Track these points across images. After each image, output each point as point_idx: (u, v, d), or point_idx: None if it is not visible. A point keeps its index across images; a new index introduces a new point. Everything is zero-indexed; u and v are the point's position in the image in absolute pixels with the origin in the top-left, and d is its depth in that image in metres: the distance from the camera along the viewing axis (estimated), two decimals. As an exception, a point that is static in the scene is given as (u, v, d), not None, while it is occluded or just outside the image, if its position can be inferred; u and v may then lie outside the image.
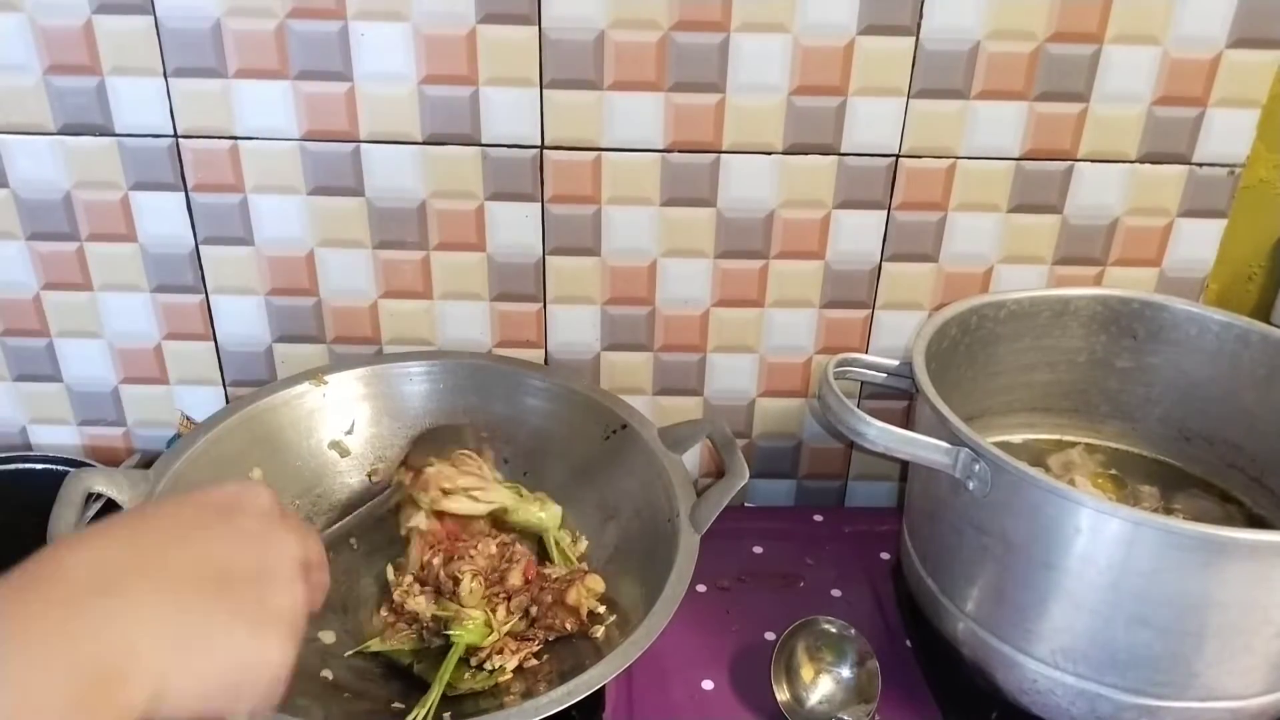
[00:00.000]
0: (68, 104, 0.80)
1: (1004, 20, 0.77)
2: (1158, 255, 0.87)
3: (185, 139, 0.81)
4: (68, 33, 0.77)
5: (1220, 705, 0.64)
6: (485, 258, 0.87)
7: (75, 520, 0.65)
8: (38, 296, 0.88)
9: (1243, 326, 0.79)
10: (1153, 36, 0.78)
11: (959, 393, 0.76)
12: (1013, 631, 0.67)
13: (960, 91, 0.80)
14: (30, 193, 0.83)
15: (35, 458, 0.83)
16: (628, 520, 0.80)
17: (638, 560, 0.75)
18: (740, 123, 0.80)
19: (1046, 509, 0.63)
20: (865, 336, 0.90)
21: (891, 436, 0.66)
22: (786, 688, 0.73)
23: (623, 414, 0.83)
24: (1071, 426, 0.87)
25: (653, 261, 0.86)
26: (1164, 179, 0.84)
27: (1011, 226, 0.85)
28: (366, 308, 0.89)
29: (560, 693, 0.60)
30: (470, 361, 0.88)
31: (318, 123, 0.81)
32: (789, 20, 0.77)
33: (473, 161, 0.82)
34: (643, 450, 0.80)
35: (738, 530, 0.91)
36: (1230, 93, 0.80)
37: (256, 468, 0.80)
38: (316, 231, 0.85)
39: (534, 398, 0.87)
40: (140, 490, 0.71)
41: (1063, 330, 0.83)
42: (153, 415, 0.94)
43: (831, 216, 0.84)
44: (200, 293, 0.88)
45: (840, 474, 0.97)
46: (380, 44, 0.78)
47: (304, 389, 0.84)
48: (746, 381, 0.92)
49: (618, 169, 0.82)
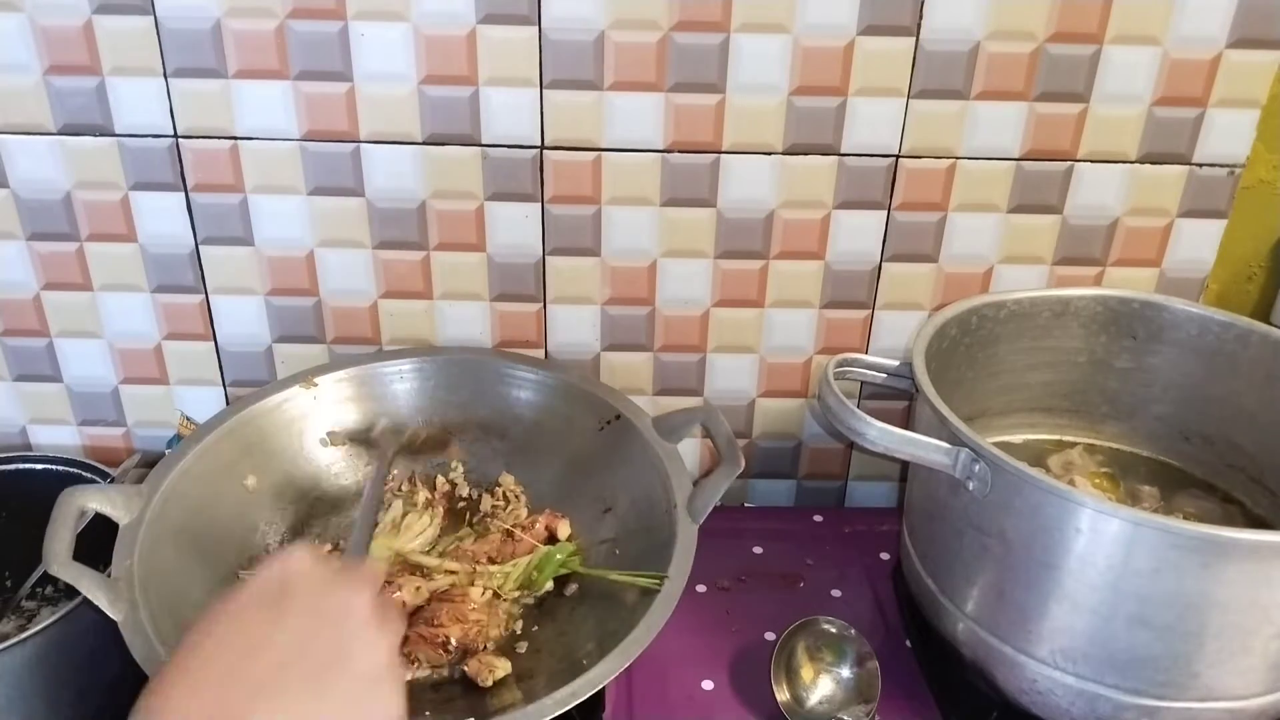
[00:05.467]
0: (68, 104, 0.80)
1: (1004, 20, 0.77)
2: (1158, 255, 0.87)
3: (185, 139, 0.81)
4: (68, 33, 0.77)
5: (1220, 705, 0.64)
6: (485, 258, 0.87)
7: (70, 538, 0.64)
8: (38, 296, 0.88)
9: (1243, 326, 0.78)
10: (1153, 36, 0.78)
11: (959, 393, 0.76)
12: (1013, 631, 0.67)
13: (960, 92, 0.80)
14: (30, 193, 0.83)
15: (35, 458, 0.83)
16: (625, 512, 0.79)
17: (636, 552, 0.75)
18: (740, 123, 0.81)
19: (1046, 509, 0.62)
20: (865, 337, 0.90)
21: (891, 437, 0.66)
22: (786, 688, 0.73)
23: (616, 404, 0.83)
24: (1071, 426, 0.87)
25: (653, 262, 0.86)
26: (1164, 179, 0.84)
27: (1011, 226, 0.85)
28: (366, 308, 0.89)
29: (561, 694, 0.60)
30: (460, 357, 0.88)
31: (318, 123, 0.81)
32: (789, 20, 0.77)
33: (473, 161, 0.82)
34: (638, 440, 0.80)
35: (738, 530, 0.92)
36: (1230, 93, 0.80)
37: (251, 476, 0.79)
38: (316, 231, 0.85)
39: (526, 391, 0.86)
40: (135, 507, 0.70)
41: (1063, 330, 0.83)
42: (153, 415, 0.94)
43: (831, 217, 0.84)
44: (200, 293, 0.88)
45: (840, 474, 0.97)
46: (380, 44, 0.78)
47: (294, 392, 0.83)
48: (746, 382, 0.92)
49: (618, 169, 0.82)
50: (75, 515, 0.66)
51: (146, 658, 0.61)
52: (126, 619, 0.63)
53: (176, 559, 0.71)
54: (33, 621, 0.74)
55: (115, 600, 0.63)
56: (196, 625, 0.46)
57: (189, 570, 0.71)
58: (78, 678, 0.69)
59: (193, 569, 0.72)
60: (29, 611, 0.80)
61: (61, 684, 0.68)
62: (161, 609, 0.65)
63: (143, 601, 0.64)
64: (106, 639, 0.63)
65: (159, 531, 0.70)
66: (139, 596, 0.64)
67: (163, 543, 0.70)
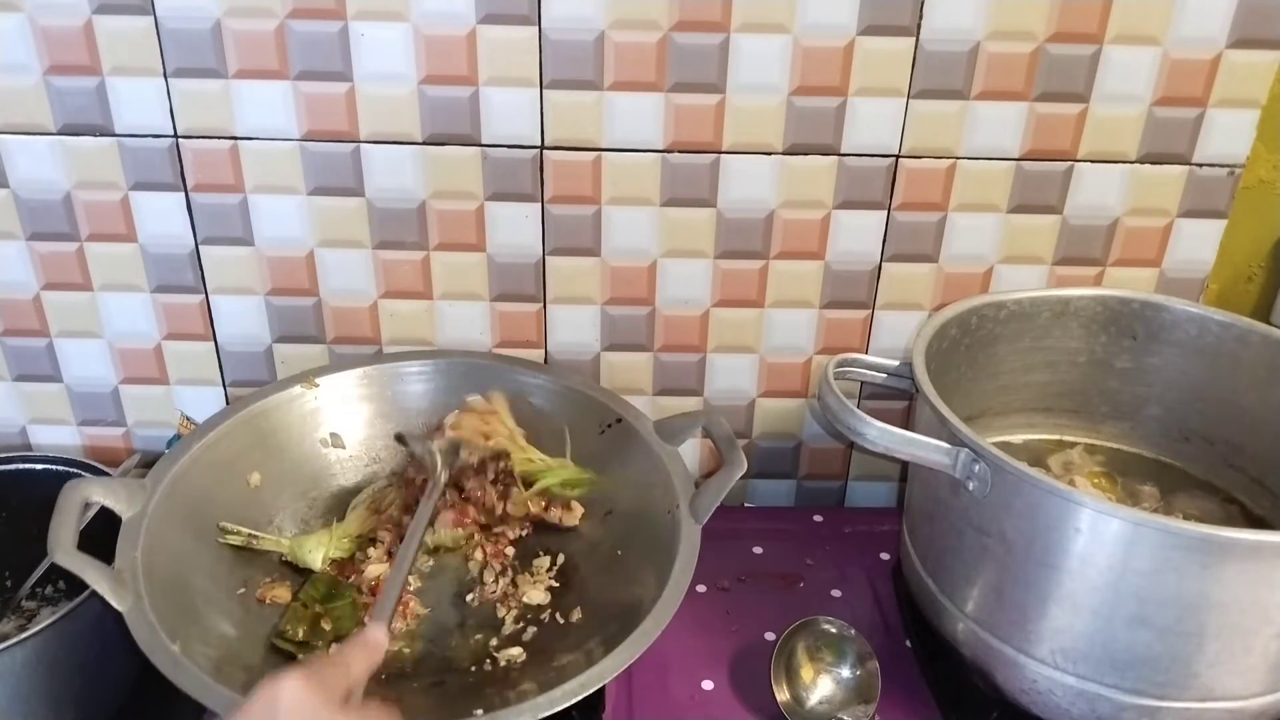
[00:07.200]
0: (68, 104, 0.80)
1: (1004, 20, 0.77)
2: (1158, 255, 0.87)
3: (185, 139, 0.81)
4: (68, 33, 0.77)
5: (1220, 705, 0.64)
6: (485, 258, 0.87)
7: (75, 528, 0.64)
8: (38, 296, 0.88)
9: (1243, 326, 0.79)
10: (1153, 37, 0.78)
11: (959, 393, 0.76)
12: (1013, 631, 0.67)
13: (960, 92, 0.80)
14: (30, 193, 0.83)
15: (35, 458, 0.82)
16: (627, 514, 0.79)
17: (639, 554, 0.75)
18: (740, 123, 0.81)
19: (1046, 509, 0.62)
20: (865, 337, 0.90)
21: (891, 437, 0.66)
22: (786, 688, 0.73)
23: (617, 408, 0.83)
24: (1071, 427, 0.87)
25: (653, 262, 0.86)
26: (1164, 179, 0.84)
27: (1011, 227, 0.85)
28: (366, 308, 0.89)
29: (560, 693, 0.60)
30: (463, 360, 0.88)
31: (318, 123, 0.81)
32: (789, 20, 0.77)
33: (473, 161, 0.82)
34: (639, 444, 0.80)
35: (738, 530, 0.92)
36: (1230, 93, 0.80)
37: (256, 472, 0.80)
38: (316, 231, 0.85)
39: (529, 395, 0.86)
40: (137, 499, 0.70)
41: (1063, 330, 0.83)
42: (153, 415, 0.94)
43: (831, 217, 0.84)
44: (200, 293, 0.88)
45: (840, 474, 0.97)
46: (380, 44, 0.78)
47: (297, 392, 0.84)
48: (746, 382, 0.92)
49: (618, 169, 0.82)
50: (79, 506, 0.66)
51: (151, 648, 0.61)
52: (131, 610, 0.63)
53: (180, 551, 0.71)
54: (33, 621, 0.74)
55: (120, 591, 0.63)
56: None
57: (193, 562, 0.72)
58: (78, 677, 0.69)
59: (196, 561, 0.72)
60: (29, 611, 0.80)
61: (62, 684, 0.68)
62: (165, 601, 0.65)
63: (147, 593, 0.64)
64: (107, 639, 0.63)
65: (163, 524, 0.70)
66: (143, 587, 0.64)
67: (166, 535, 0.70)
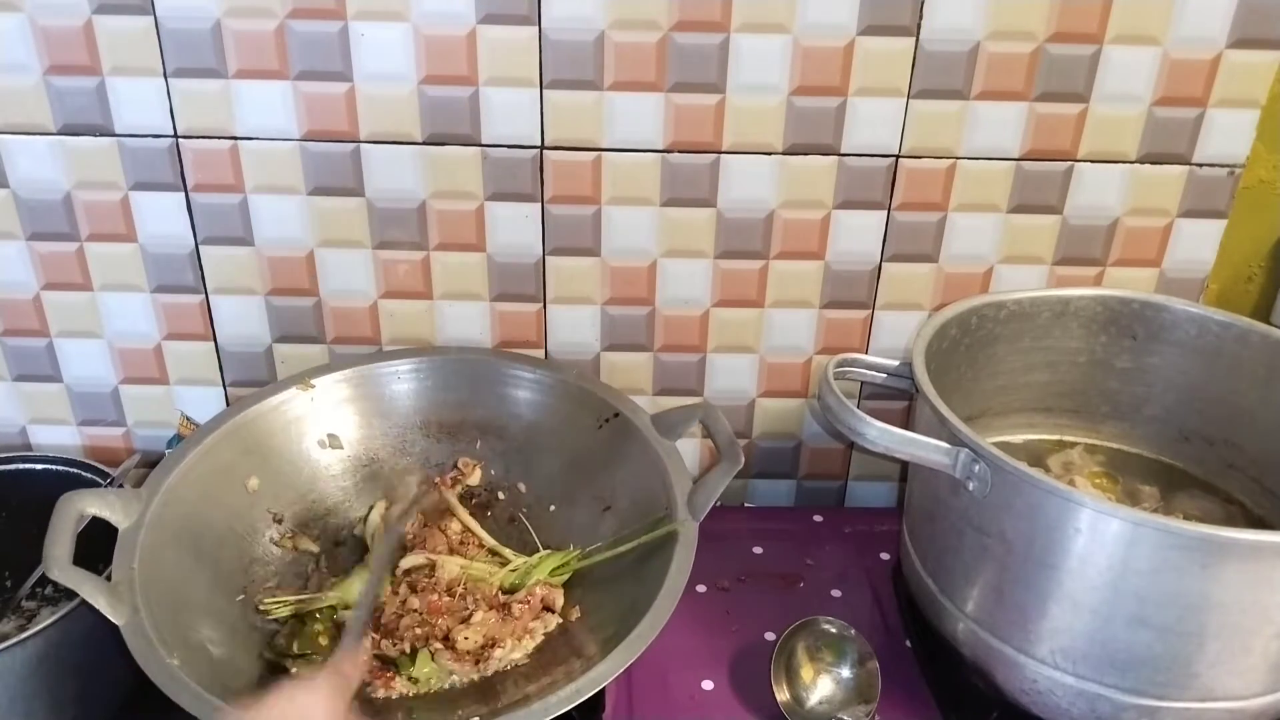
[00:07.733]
0: (68, 104, 0.80)
1: (1004, 20, 0.77)
2: (1158, 255, 0.87)
3: (185, 139, 0.81)
4: (68, 33, 0.77)
5: (1220, 705, 0.64)
6: (485, 258, 0.87)
7: (70, 543, 0.64)
8: (38, 296, 0.88)
9: (1243, 326, 0.78)
10: (1153, 37, 0.78)
11: (959, 393, 0.76)
12: (1013, 631, 0.67)
13: (960, 92, 0.80)
14: (30, 193, 0.83)
15: (35, 458, 0.82)
16: (624, 510, 0.79)
17: (637, 552, 0.75)
18: (740, 123, 0.80)
19: (1046, 509, 0.62)
20: (865, 337, 0.90)
21: (891, 437, 0.66)
22: (786, 688, 0.73)
23: (614, 402, 0.83)
24: (1071, 427, 0.87)
25: (653, 262, 0.86)
26: (1164, 179, 0.84)
27: (1011, 227, 0.85)
28: (366, 308, 0.89)
29: (562, 694, 0.60)
30: (457, 357, 0.88)
31: (318, 123, 0.81)
32: (789, 20, 0.77)
33: (473, 161, 0.82)
34: (637, 438, 0.80)
35: (738, 530, 0.92)
36: (1230, 93, 0.80)
37: (254, 476, 0.79)
38: (316, 231, 0.85)
39: (523, 390, 0.86)
40: (133, 510, 0.70)
41: (1063, 330, 0.83)
42: (153, 415, 0.94)
43: (831, 217, 0.84)
44: (200, 293, 0.88)
45: (840, 474, 0.97)
46: (380, 44, 0.78)
47: (292, 394, 0.83)
48: (746, 382, 0.92)
49: (618, 169, 0.82)
50: (74, 520, 0.66)
51: (148, 661, 0.61)
52: (128, 623, 0.63)
53: (177, 562, 0.71)
54: (33, 621, 0.74)
55: (117, 604, 0.63)
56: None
57: (190, 573, 0.71)
58: (78, 678, 0.69)
59: (193, 571, 0.72)
60: (29, 611, 0.80)
61: (61, 684, 0.68)
62: (163, 612, 0.65)
63: (144, 605, 0.64)
64: (106, 639, 0.63)
65: (159, 535, 0.70)
66: (140, 600, 0.64)
67: (163, 546, 0.70)
